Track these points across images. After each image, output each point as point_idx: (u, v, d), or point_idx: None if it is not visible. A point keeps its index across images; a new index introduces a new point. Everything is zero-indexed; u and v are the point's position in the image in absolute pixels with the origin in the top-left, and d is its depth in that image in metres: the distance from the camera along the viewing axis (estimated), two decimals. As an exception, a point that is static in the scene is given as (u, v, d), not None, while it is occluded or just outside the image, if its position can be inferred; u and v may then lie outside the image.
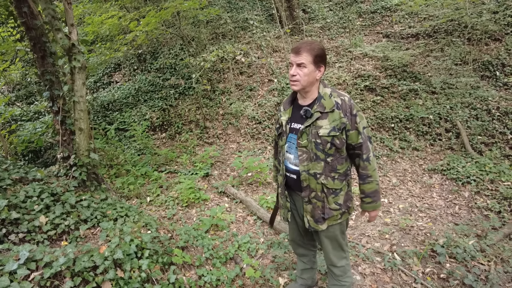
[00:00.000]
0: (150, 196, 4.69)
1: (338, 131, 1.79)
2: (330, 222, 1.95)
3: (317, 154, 1.83)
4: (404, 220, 3.83)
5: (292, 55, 1.80)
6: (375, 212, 1.98)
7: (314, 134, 1.82)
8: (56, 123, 3.43)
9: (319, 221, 1.94)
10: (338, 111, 1.79)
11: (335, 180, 1.87)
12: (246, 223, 3.99)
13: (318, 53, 1.77)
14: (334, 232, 2.00)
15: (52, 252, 2.07)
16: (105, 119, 7.42)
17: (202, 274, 2.78)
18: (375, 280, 2.73)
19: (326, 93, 1.85)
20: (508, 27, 7.62)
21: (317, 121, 1.82)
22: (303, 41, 1.82)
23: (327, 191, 1.87)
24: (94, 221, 3.01)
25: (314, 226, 1.96)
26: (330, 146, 1.81)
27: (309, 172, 1.87)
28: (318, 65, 1.79)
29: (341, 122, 1.78)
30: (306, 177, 1.88)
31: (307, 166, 1.87)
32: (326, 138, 1.80)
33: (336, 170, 1.86)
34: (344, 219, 1.97)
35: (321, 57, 1.79)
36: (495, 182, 4.69)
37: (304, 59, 1.76)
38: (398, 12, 9.58)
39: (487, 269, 2.77)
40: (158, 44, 9.02)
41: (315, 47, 1.77)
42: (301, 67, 1.78)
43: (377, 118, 6.56)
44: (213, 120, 7.09)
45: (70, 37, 3.03)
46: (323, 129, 1.80)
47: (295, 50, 1.78)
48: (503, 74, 6.91)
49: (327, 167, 1.85)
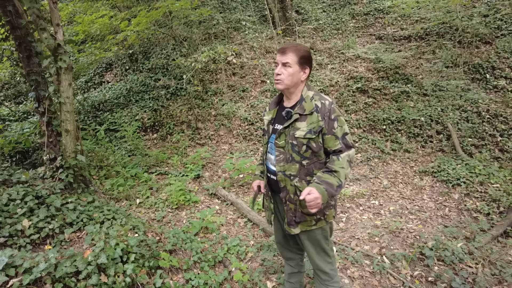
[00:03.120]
0: (139, 198, 4.63)
1: (314, 134, 1.77)
2: (303, 227, 1.91)
3: (293, 155, 1.82)
4: (394, 223, 3.83)
5: (278, 55, 1.82)
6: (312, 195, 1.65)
7: (291, 135, 1.82)
8: (42, 124, 3.37)
9: (291, 224, 1.91)
10: (317, 114, 1.78)
11: (309, 184, 1.82)
12: (236, 226, 3.96)
13: (303, 54, 1.78)
14: (315, 237, 1.97)
15: (33, 258, 2.02)
16: (95, 119, 7.34)
17: (189, 278, 2.75)
18: (363, 284, 2.72)
19: (308, 96, 1.84)
20: (498, 30, 7.70)
21: (295, 123, 1.81)
22: (290, 43, 1.83)
23: (299, 194, 1.84)
24: (80, 224, 2.96)
25: (287, 229, 1.93)
26: (306, 149, 1.79)
27: (285, 173, 1.85)
28: (303, 66, 1.80)
29: (318, 125, 1.77)
30: (282, 178, 1.87)
31: (283, 167, 1.86)
32: (301, 140, 1.78)
33: (312, 174, 1.83)
34: (320, 226, 1.92)
35: (307, 58, 1.80)
36: (485, 184, 4.73)
37: (290, 58, 1.77)
38: (390, 14, 9.64)
39: (474, 272, 2.77)
40: (150, 44, 8.95)
41: (301, 49, 1.79)
42: (286, 67, 1.79)
43: (369, 120, 6.57)
44: (205, 121, 7.04)
45: (56, 37, 2.97)
46: (299, 131, 1.79)
47: (282, 50, 1.80)
48: (493, 77, 6.97)
49: (303, 170, 1.82)
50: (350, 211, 4.33)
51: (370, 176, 5.35)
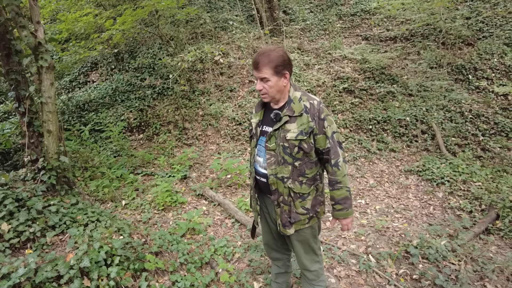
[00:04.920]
0: (125, 200, 4.56)
1: (305, 135, 1.77)
2: (297, 227, 1.93)
3: (285, 158, 1.82)
4: (380, 222, 3.88)
5: (254, 71, 1.78)
6: (346, 220, 1.93)
7: (282, 137, 1.81)
8: (22, 125, 3.27)
9: (286, 225, 1.92)
10: (307, 115, 1.78)
11: (302, 184, 1.85)
12: (224, 226, 3.93)
13: (277, 63, 1.72)
14: (305, 236, 1.99)
15: (11, 263, 1.96)
16: (80, 119, 7.19)
17: (176, 280, 2.72)
18: (349, 283, 2.74)
19: (296, 97, 1.83)
20: (480, 32, 7.89)
21: (285, 125, 1.81)
22: (262, 51, 1.76)
23: (294, 195, 1.85)
24: (62, 227, 2.88)
25: (282, 231, 1.94)
26: (298, 150, 1.80)
27: (277, 175, 1.85)
28: (281, 74, 1.75)
29: (309, 126, 1.77)
30: (274, 181, 1.87)
31: (275, 170, 1.85)
32: (293, 142, 1.78)
33: (304, 175, 1.85)
34: (312, 223, 1.95)
35: (282, 65, 1.74)
36: (467, 182, 4.83)
37: (265, 73, 1.73)
38: (377, 15, 9.75)
39: (457, 269, 2.83)
40: (137, 43, 8.82)
41: (273, 58, 1.72)
42: (264, 81, 1.76)
43: (355, 120, 6.64)
44: (193, 121, 6.99)
45: (36, 35, 2.89)
46: (290, 133, 1.78)
47: (255, 65, 1.75)
48: (475, 77, 7.14)
49: (295, 171, 1.83)
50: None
51: (356, 175, 5.40)
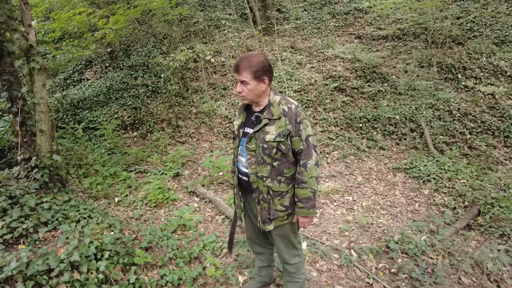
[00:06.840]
0: (118, 197, 4.66)
1: (283, 137, 1.88)
2: (277, 223, 2.05)
3: (264, 158, 1.93)
4: (365, 218, 4.00)
5: (235, 73, 1.88)
6: (306, 219, 2.01)
7: (261, 139, 1.92)
8: (15, 124, 3.35)
9: (265, 221, 2.03)
10: (285, 118, 1.89)
11: (281, 183, 1.96)
12: (214, 223, 4.04)
13: (257, 68, 1.82)
14: (285, 231, 2.10)
15: (4, 257, 2.06)
16: (74, 117, 7.25)
17: (164, 274, 2.82)
18: (331, 276, 2.86)
19: (276, 101, 1.94)
20: (470, 32, 8.01)
21: (265, 127, 1.91)
22: (244, 55, 1.86)
23: (272, 193, 1.97)
24: (55, 223, 2.97)
25: (262, 227, 2.06)
26: (276, 151, 1.90)
27: (257, 174, 1.97)
28: (260, 79, 1.85)
29: (286, 129, 1.88)
30: (255, 179, 1.98)
31: (255, 169, 1.97)
32: (272, 143, 1.89)
33: (282, 174, 1.96)
34: (291, 220, 2.07)
35: (262, 71, 1.84)
36: (453, 180, 4.96)
37: (245, 76, 1.83)
38: (369, 14, 9.85)
39: (434, 263, 2.96)
40: (131, 42, 8.88)
41: (254, 63, 1.81)
42: (244, 84, 1.86)
43: (346, 118, 6.75)
44: (186, 119, 7.07)
45: (28, 38, 2.97)
46: (269, 135, 1.89)
47: (236, 68, 1.85)
48: (464, 77, 7.26)
49: (274, 170, 1.95)
50: (324, 207, 4.48)
51: (345, 173, 5.52)
